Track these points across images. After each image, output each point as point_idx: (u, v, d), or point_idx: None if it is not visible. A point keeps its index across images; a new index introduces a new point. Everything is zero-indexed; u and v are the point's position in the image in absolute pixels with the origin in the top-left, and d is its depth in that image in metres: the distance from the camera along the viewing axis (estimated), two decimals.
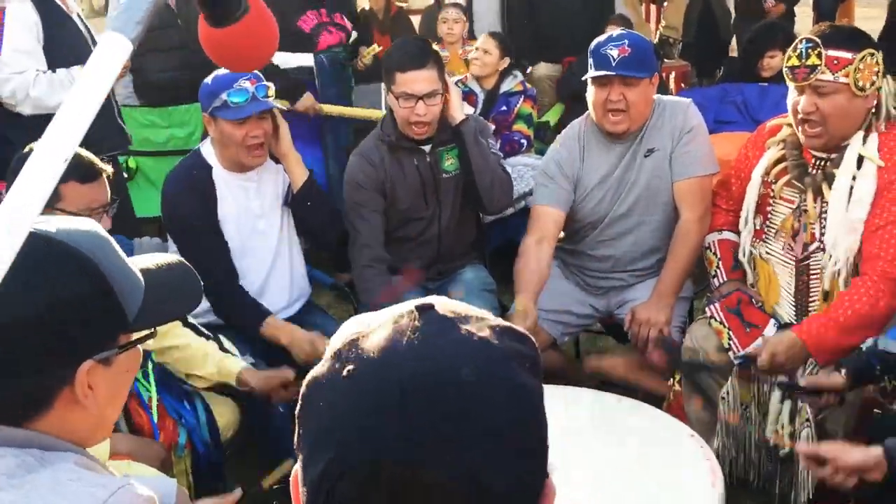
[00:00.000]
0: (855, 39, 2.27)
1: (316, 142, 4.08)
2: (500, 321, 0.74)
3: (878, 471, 1.82)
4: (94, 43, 3.32)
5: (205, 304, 2.74)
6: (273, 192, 2.79)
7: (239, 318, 2.70)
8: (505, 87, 4.41)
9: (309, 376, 0.73)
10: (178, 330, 2.40)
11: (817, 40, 2.25)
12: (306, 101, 3.90)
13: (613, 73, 2.65)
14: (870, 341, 2.18)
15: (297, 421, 0.72)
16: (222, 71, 2.60)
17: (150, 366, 2.36)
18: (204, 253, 2.61)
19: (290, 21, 3.72)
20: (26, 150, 2.14)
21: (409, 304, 0.73)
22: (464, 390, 0.66)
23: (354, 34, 4.38)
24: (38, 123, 1.61)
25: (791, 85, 2.35)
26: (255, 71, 2.62)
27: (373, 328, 0.71)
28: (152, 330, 1.11)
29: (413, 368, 0.67)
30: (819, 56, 2.24)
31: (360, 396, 0.67)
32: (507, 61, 4.40)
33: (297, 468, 0.72)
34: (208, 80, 2.63)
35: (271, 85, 2.64)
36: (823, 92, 2.26)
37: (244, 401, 2.55)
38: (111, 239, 1.09)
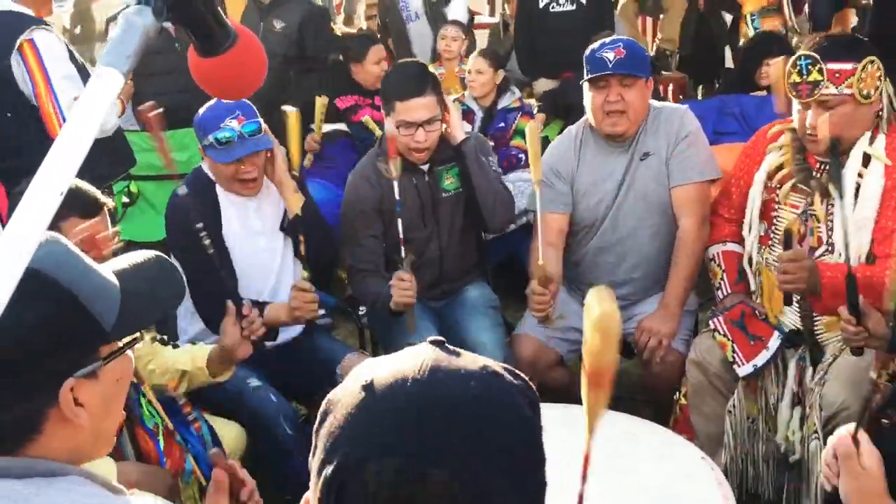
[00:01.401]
0: (854, 48, 2.27)
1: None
2: (502, 364, 0.80)
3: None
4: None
5: (199, 325, 2.74)
6: (274, 212, 2.79)
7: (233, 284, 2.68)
8: (503, 104, 4.43)
9: (329, 395, 0.79)
10: (158, 348, 2.41)
11: (816, 56, 2.24)
12: (309, 141, 4.22)
13: (611, 73, 2.66)
14: None
15: (314, 435, 0.77)
16: (213, 102, 2.60)
17: (150, 393, 2.35)
18: (204, 268, 2.61)
19: (330, 97, 4.34)
20: (22, 184, 2.14)
21: (425, 342, 0.80)
22: (472, 403, 0.72)
23: None
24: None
25: (795, 101, 2.34)
26: (247, 103, 2.62)
27: (390, 358, 0.79)
28: (139, 335, 1.08)
29: (425, 382, 0.73)
30: (820, 71, 2.23)
31: (374, 402, 0.73)
32: (501, 73, 4.42)
33: (309, 491, 0.77)
34: (199, 112, 2.65)
35: (261, 121, 2.63)
36: (829, 105, 2.25)
37: (250, 424, 2.54)
38: (75, 249, 1.05)
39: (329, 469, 0.72)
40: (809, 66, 2.25)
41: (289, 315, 2.59)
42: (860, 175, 2.30)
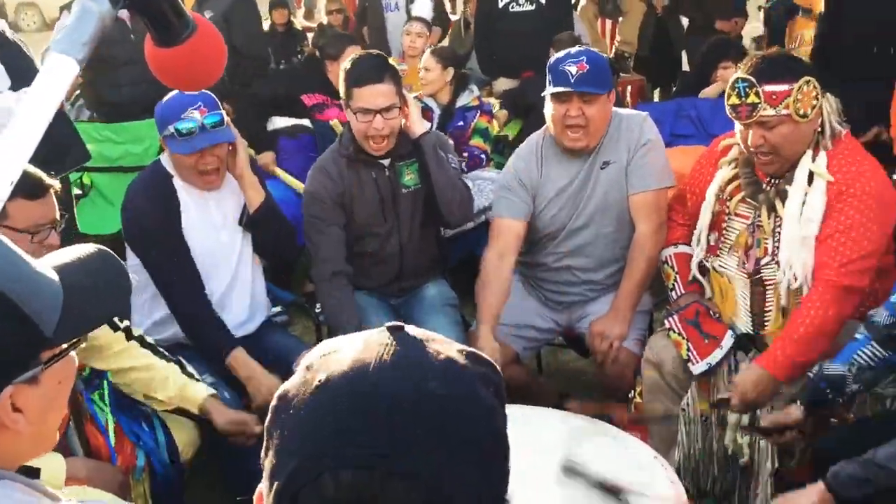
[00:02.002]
0: (790, 69, 2.30)
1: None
2: (466, 347, 0.76)
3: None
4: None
5: (157, 317, 2.70)
6: (234, 205, 2.76)
7: (205, 340, 2.66)
8: (461, 102, 4.42)
9: (280, 390, 0.74)
10: (136, 351, 2.36)
11: (752, 79, 2.28)
12: (266, 157, 4.19)
13: (573, 90, 2.68)
14: (815, 368, 2.21)
15: (265, 433, 0.73)
16: (175, 93, 2.56)
17: (105, 387, 2.31)
18: (168, 265, 2.58)
19: (297, 93, 4.34)
20: None
21: (382, 327, 0.75)
22: (431, 401, 0.68)
23: None
24: None
25: (736, 122, 2.39)
26: (209, 94, 2.59)
27: (345, 345, 0.73)
28: (81, 338, 1.02)
29: (382, 379, 0.68)
30: (757, 94, 2.28)
31: (329, 406, 0.68)
32: (451, 72, 4.42)
33: (262, 486, 0.72)
34: (161, 103, 2.60)
35: (223, 112, 2.61)
36: (769, 126, 2.31)
37: (204, 421, 2.51)
38: (9, 247, 0.97)
39: (283, 476, 0.68)
40: (747, 89, 2.29)
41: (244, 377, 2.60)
42: (806, 194, 2.35)
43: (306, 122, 4.45)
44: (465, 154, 4.26)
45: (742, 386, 2.35)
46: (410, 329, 0.75)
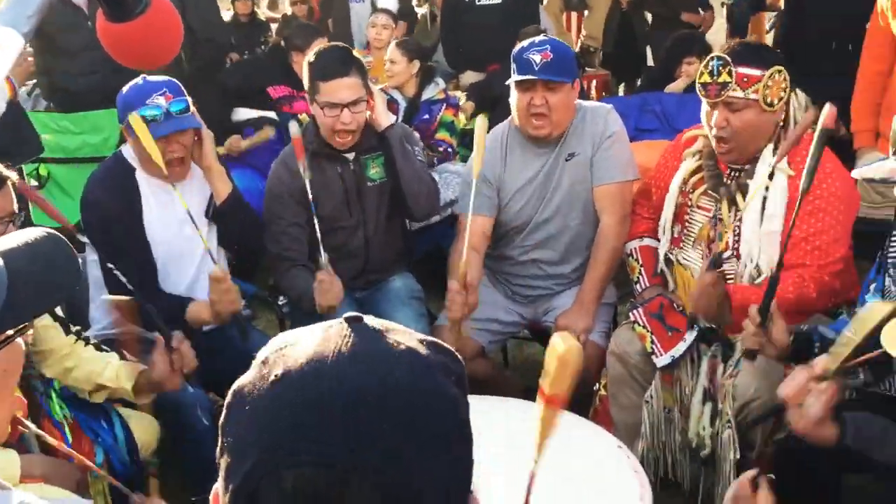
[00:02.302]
0: (763, 57, 2.35)
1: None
2: (426, 336, 0.74)
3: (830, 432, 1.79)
4: None
5: (108, 320, 2.64)
6: (199, 197, 2.71)
7: (160, 317, 2.60)
8: (426, 95, 4.40)
9: (234, 385, 0.71)
10: (80, 349, 2.30)
11: (728, 58, 2.32)
12: (232, 140, 4.16)
13: (536, 78, 2.68)
14: (809, 326, 2.21)
15: (220, 430, 0.70)
16: (139, 80, 2.51)
17: (56, 385, 2.25)
18: (123, 255, 2.53)
19: (261, 84, 4.29)
20: None
21: (339, 318, 0.73)
22: (392, 395, 0.66)
23: None
24: None
25: (704, 100, 2.41)
26: (174, 81, 2.54)
27: (302, 337, 0.71)
28: (27, 324, 0.98)
29: (341, 372, 0.66)
30: (730, 73, 2.31)
31: (286, 401, 0.66)
32: (416, 64, 4.39)
33: (218, 485, 0.70)
34: (124, 89, 2.54)
35: (189, 99, 2.56)
36: (734, 108, 2.34)
37: (164, 416, 2.46)
38: None
39: (239, 474, 0.65)
40: (720, 68, 2.33)
41: (210, 312, 2.52)
42: (766, 189, 2.38)
43: (272, 114, 4.39)
44: (441, 148, 4.25)
45: (710, 278, 2.24)
46: (369, 320, 0.73)
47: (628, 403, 2.61)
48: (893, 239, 2.15)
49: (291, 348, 0.70)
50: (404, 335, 0.72)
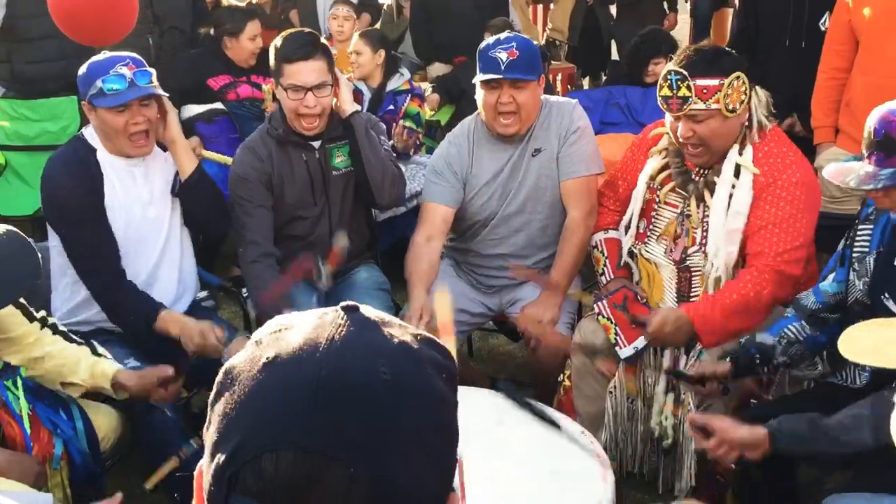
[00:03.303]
0: (720, 64, 2.35)
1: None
2: (420, 331, 0.74)
3: (759, 449, 1.92)
4: None
5: (79, 299, 2.60)
6: (162, 179, 2.67)
7: (127, 312, 2.57)
8: (391, 86, 4.39)
9: (226, 364, 0.71)
10: (48, 338, 2.26)
11: (684, 73, 2.33)
12: (192, 142, 4.01)
13: (503, 77, 2.68)
14: (747, 336, 2.28)
15: (209, 407, 0.71)
16: (99, 57, 2.47)
17: (18, 377, 2.21)
18: (88, 241, 2.49)
19: (200, 78, 4.21)
20: None
21: (337, 306, 0.73)
22: (379, 388, 0.66)
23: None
24: None
25: (667, 113, 2.43)
26: (136, 55, 2.51)
27: (297, 322, 0.71)
28: None
29: (332, 362, 0.66)
30: (689, 88, 2.33)
31: (274, 385, 0.66)
32: (382, 54, 4.37)
33: (202, 462, 0.70)
34: (84, 66, 2.50)
35: (153, 71, 2.52)
36: (698, 119, 2.36)
37: (125, 407, 2.43)
38: None
39: (223, 453, 0.65)
40: (679, 82, 2.34)
41: (180, 331, 2.52)
42: (733, 186, 2.41)
43: (219, 105, 4.31)
44: (410, 140, 4.22)
45: (664, 317, 2.40)
46: (365, 310, 0.73)
47: (592, 394, 2.64)
48: (859, 233, 2.20)
49: (286, 332, 0.70)
50: (399, 329, 0.72)
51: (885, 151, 1.95)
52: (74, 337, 2.35)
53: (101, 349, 2.37)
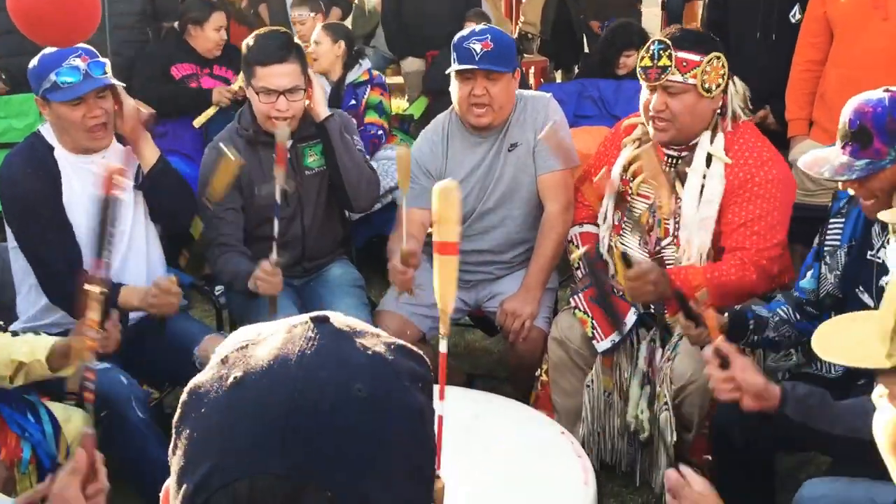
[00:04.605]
0: (703, 43, 2.39)
1: (199, 153, 3.95)
2: (395, 339, 0.72)
3: (766, 403, 1.86)
4: None
5: (44, 301, 2.54)
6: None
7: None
8: (351, 78, 4.34)
9: (190, 384, 0.68)
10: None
11: (668, 42, 2.36)
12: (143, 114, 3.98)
13: (477, 67, 2.66)
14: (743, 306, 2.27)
15: (173, 430, 0.68)
16: (50, 50, 2.41)
17: None
18: (46, 240, 2.43)
19: (164, 66, 4.15)
20: None
21: (305, 316, 0.70)
22: (355, 406, 0.64)
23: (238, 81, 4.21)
24: None
25: (643, 84, 2.44)
26: (89, 47, 2.45)
27: (264, 336, 0.68)
28: None
29: (304, 380, 0.64)
30: (670, 57, 2.35)
31: (245, 405, 0.63)
32: (342, 45, 4.33)
33: (170, 482, 0.67)
34: (35, 59, 2.43)
35: (107, 61, 2.46)
36: (673, 92, 2.37)
37: (97, 409, 2.38)
38: None
39: (193, 479, 0.63)
40: (661, 52, 2.37)
41: (142, 303, 2.44)
42: (704, 176, 2.41)
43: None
44: (372, 132, 4.18)
45: (645, 269, 2.27)
46: (336, 320, 0.70)
47: (569, 388, 2.63)
48: (830, 227, 2.21)
49: (253, 348, 0.67)
50: (371, 338, 0.70)
51: (859, 142, 1.95)
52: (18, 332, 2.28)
53: (43, 334, 2.27)
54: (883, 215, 1.73)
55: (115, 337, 2.16)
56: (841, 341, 0.99)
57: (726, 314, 2.21)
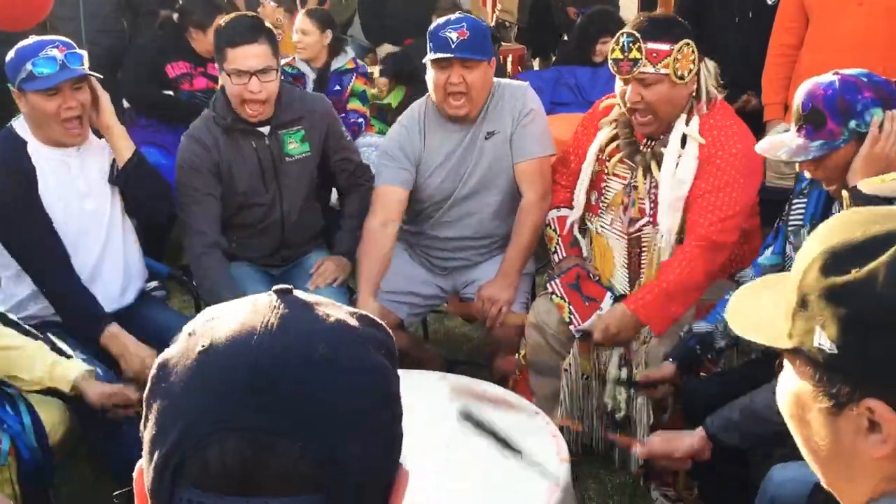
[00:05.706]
0: (671, 31, 2.40)
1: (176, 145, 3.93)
2: (355, 309, 0.74)
3: (706, 450, 2.01)
4: None
5: (22, 295, 2.54)
6: (98, 168, 2.60)
7: (76, 318, 2.51)
8: (336, 65, 4.33)
9: (160, 357, 0.70)
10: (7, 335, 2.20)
11: (637, 35, 2.37)
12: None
13: (453, 56, 2.67)
14: (685, 328, 2.33)
15: (144, 402, 0.69)
16: (28, 41, 2.40)
17: None
18: (27, 238, 2.41)
19: (159, 63, 4.09)
20: None
21: (268, 291, 0.72)
22: (319, 365, 0.66)
23: None
24: None
25: (617, 76, 2.45)
26: (66, 39, 2.44)
27: (231, 310, 0.70)
28: None
29: (269, 344, 0.66)
30: (640, 50, 2.36)
31: (212, 372, 0.66)
32: (329, 34, 4.32)
33: (142, 462, 0.68)
34: (12, 51, 2.42)
35: (85, 53, 2.46)
36: (647, 83, 2.39)
37: (76, 401, 2.38)
38: None
39: (164, 447, 0.64)
40: (630, 45, 2.38)
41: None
42: (680, 156, 2.45)
43: (171, 93, 4.22)
44: (353, 120, 4.18)
45: (606, 321, 2.45)
46: (299, 293, 0.73)
47: (547, 372, 2.66)
48: (794, 206, 2.24)
49: (219, 320, 0.69)
50: (333, 308, 0.72)
51: (812, 124, 1.99)
52: (31, 329, 2.28)
53: (60, 344, 2.30)
54: (862, 185, 1.76)
55: (129, 400, 2.27)
56: (753, 314, 0.94)
57: (671, 360, 2.31)
